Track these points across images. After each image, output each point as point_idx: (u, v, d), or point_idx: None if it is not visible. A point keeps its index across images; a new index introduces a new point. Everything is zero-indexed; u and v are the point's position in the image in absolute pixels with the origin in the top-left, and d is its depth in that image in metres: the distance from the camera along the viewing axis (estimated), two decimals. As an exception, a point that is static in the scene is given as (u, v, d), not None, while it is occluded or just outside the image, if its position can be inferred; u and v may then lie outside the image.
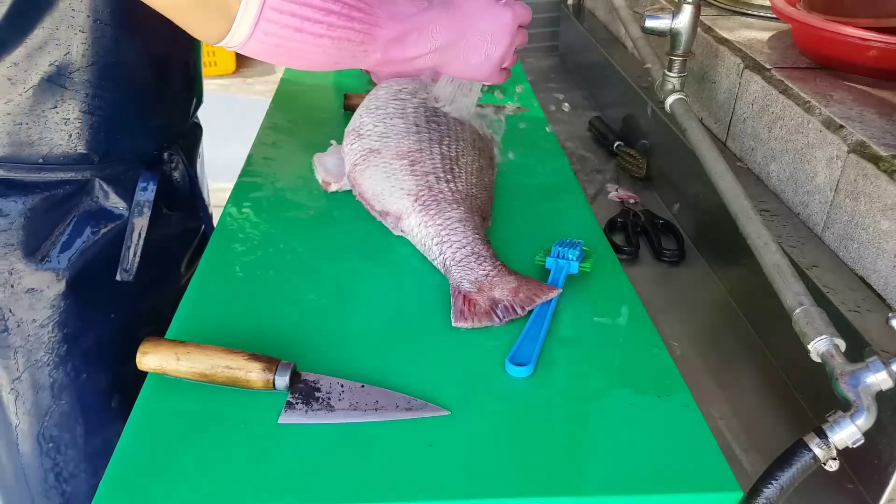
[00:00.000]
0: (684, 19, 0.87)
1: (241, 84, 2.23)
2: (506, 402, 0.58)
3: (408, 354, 0.63)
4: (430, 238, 0.72)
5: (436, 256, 0.72)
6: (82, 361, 0.78)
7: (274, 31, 0.63)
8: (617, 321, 0.68)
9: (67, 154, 0.72)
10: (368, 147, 0.80)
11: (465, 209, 0.75)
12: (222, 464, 0.52)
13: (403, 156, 0.78)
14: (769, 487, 0.50)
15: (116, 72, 0.71)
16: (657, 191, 1.06)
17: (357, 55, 0.70)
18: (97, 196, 0.76)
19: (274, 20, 0.63)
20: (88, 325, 0.78)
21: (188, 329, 0.65)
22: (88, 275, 0.76)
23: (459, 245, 0.71)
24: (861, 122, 0.74)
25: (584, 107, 1.35)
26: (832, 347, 0.54)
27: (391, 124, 0.82)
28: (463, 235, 0.72)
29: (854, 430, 0.50)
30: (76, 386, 0.78)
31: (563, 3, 1.59)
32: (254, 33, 0.63)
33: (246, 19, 0.62)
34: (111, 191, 0.76)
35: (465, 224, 0.73)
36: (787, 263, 0.62)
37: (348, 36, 0.67)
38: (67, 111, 0.70)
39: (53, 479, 0.81)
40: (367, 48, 0.70)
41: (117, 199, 0.77)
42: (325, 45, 0.67)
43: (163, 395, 0.58)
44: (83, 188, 0.75)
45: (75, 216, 0.75)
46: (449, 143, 0.81)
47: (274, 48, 0.65)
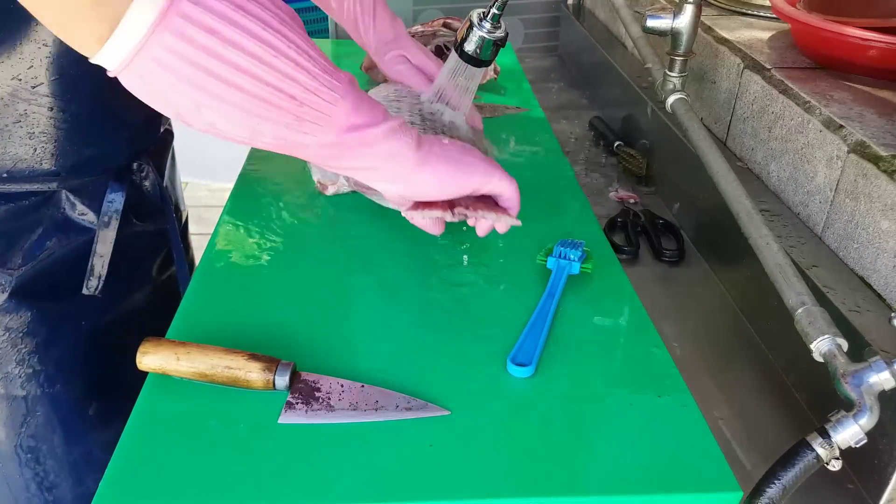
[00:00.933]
0: (685, 19, 0.87)
1: (240, 84, 2.23)
2: (506, 402, 0.58)
3: (408, 354, 0.63)
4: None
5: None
6: (55, 371, 0.77)
7: (180, 53, 0.44)
8: (617, 321, 0.68)
9: (33, 168, 0.71)
10: None
11: None
12: (222, 464, 0.52)
13: None
14: (772, 487, 0.50)
15: (81, 85, 0.69)
16: (657, 191, 1.06)
17: (305, 128, 0.51)
18: (64, 207, 0.75)
19: (186, 36, 0.43)
20: (58, 335, 0.77)
21: (188, 329, 0.65)
22: (56, 285, 0.75)
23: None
24: (861, 122, 0.74)
25: (584, 107, 1.35)
26: (834, 347, 0.54)
27: None
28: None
29: (857, 430, 0.50)
30: (50, 396, 0.78)
31: (563, 3, 1.59)
32: (143, 50, 0.43)
33: (135, 28, 0.42)
34: (78, 202, 0.75)
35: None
36: (788, 263, 0.62)
37: (300, 97, 0.49)
38: (32, 125, 0.69)
39: (35, 488, 0.81)
40: (323, 122, 0.52)
41: (85, 209, 0.76)
42: (263, 103, 0.48)
43: (163, 395, 0.58)
44: (50, 199, 0.74)
45: (42, 227, 0.74)
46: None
47: (169, 85, 0.45)
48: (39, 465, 0.80)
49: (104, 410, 0.82)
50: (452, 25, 1.20)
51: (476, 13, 0.73)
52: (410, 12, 1.63)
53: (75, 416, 0.80)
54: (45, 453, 0.80)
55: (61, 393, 0.78)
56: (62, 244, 0.76)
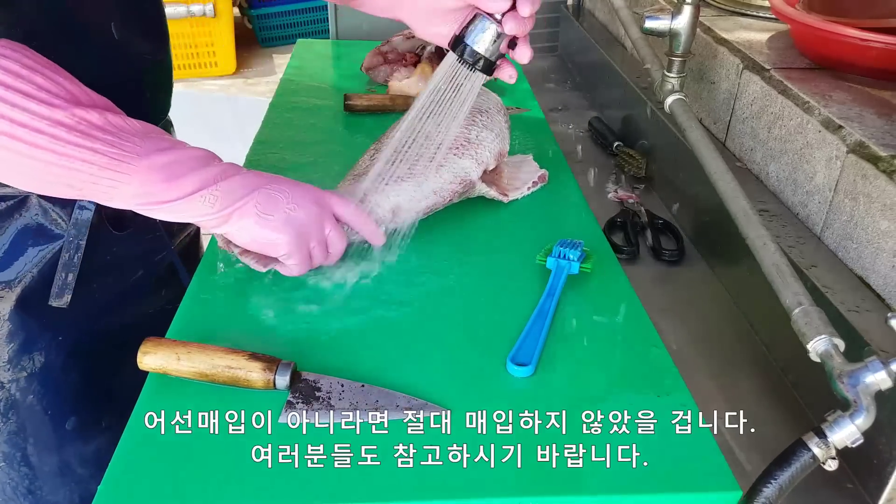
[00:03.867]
0: (684, 20, 0.87)
1: (241, 84, 2.23)
2: (506, 402, 0.58)
3: (408, 354, 0.63)
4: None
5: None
6: (28, 384, 0.76)
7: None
8: (617, 321, 0.68)
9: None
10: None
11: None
12: (222, 464, 0.52)
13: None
14: (768, 487, 0.50)
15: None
16: (657, 191, 1.06)
17: (100, 185, 0.58)
18: (36, 213, 0.73)
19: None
20: (30, 347, 0.75)
21: (189, 329, 0.65)
22: (26, 295, 0.74)
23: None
24: (860, 123, 0.74)
25: (584, 107, 1.35)
26: (831, 347, 0.54)
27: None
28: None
29: (853, 430, 0.50)
30: (24, 406, 0.77)
31: (563, 4, 1.59)
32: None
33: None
34: (51, 208, 0.73)
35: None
36: (786, 263, 0.62)
37: (85, 157, 0.56)
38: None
39: (10, 491, 0.80)
40: (118, 178, 0.58)
41: (57, 217, 0.74)
42: (43, 162, 0.56)
43: (163, 395, 0.58)
44: (22, 205, 0.72)
45: (12, 234, 0.72)
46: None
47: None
48: (14, 471, 0.79)
49: (83, 425, 0.81)
50: (452, 26, 1.20)
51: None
52: (410, 13, 1.63)
53: (50, 428, 0.79)
54: (19, 460, 0.79)
55: (35, 405, 0.77)
56: (34, 253, 0.74)
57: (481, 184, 0.82)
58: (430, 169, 0.77)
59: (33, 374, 0.76)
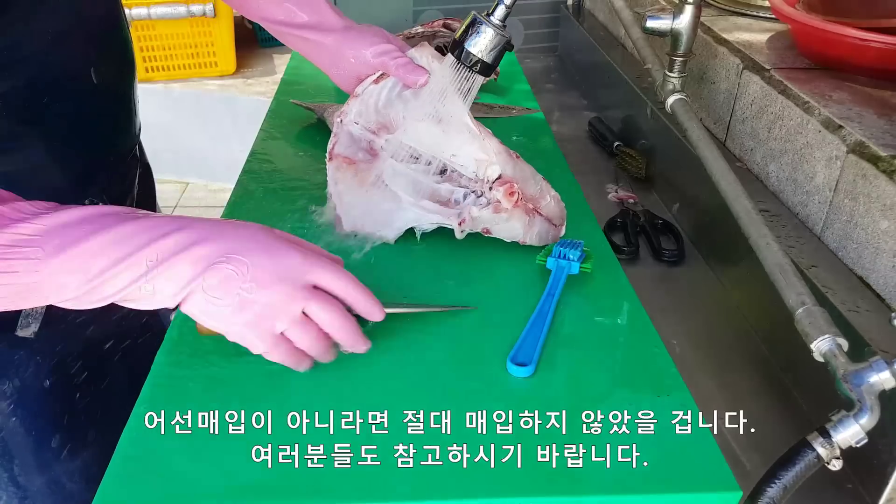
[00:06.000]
0: (685, 20, 0.87)
1: (241, 84, 2.23)
2: (506, 402, 0.58)
3: (408, 354, 0.63)
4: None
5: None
6: (9, 407, 0.75)
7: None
8: (617, 321, 0.68)
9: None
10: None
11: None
12: (222, 463, 0.52)
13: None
14: (772, 487, 0.50)
15: (26, 129, 0.66)
16: (657, 191, 1.06)
17: (29, 299, 0.50)
18: None
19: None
20: (6, 372, 0.74)
21: (188, 329, 0.65)
22: (6, 318, 0.71)
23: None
24: (860, 123, 0.74)
25: (584, 107, 1.35)
26: (835, 347, 0.54)
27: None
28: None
29: (857, 430, 0.50)
30: (7, 429, 0.76)
31: (563, 4, 1.59)
32: None
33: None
34: None
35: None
36: (789, 263, 0.62)
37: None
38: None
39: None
40: (34, 289, 0.49)
41: None
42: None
43: (163, 395, 0.58)
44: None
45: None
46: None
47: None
48: (3, 492, 0.78)
49: (68, 442, 0.80)
50: (452, 26, 1.20)
51: (477, 14, 0.68)
52: (410, 13, 1.63)
53: (34, 448, 0.78)
54: (6, 480, 0.78)
55: (18, 425, 0.76)
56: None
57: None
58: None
59: (13, 398, 0.75)
